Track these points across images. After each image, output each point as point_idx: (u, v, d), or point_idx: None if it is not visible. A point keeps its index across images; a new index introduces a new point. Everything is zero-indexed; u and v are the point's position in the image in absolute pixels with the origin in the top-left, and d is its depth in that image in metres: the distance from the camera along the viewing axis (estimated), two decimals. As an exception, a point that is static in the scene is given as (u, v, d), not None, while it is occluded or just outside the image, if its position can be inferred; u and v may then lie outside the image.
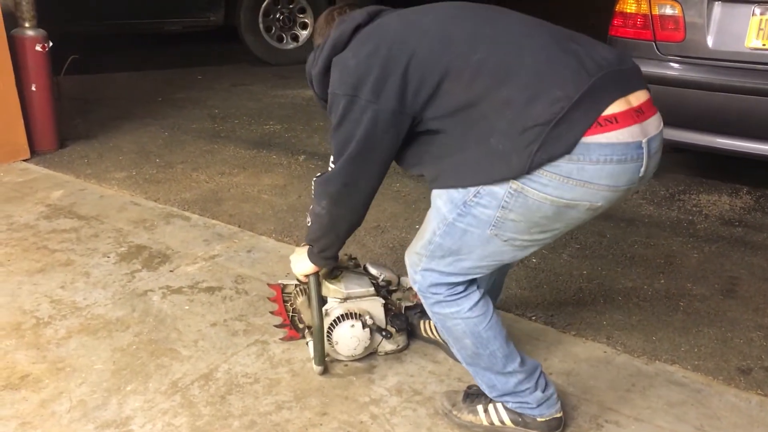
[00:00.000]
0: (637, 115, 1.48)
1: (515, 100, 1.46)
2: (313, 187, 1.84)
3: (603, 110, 1.44)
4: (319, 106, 1.84)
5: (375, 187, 1.76)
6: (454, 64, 1.52)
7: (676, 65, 3.21)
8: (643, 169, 1.51)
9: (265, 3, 6.38)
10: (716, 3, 3.06)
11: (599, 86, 1.45)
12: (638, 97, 1.52)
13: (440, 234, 1.66)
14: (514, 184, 1.49)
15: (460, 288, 1.73)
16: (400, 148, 1.68)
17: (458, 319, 1.74)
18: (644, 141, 1.49)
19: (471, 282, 1.75)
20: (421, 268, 1.74)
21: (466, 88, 1.51)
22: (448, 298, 1.73)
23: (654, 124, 1.54)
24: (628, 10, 3.29)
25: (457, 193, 1.59)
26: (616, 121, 1.44)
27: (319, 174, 1.83)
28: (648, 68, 3.18)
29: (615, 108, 1.45)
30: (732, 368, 2.19)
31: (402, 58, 1.55)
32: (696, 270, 2.81)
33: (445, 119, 1.57)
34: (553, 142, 1.43)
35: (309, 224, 1.92)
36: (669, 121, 3.18)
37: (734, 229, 3.19)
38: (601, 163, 1.45)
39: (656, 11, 3.20)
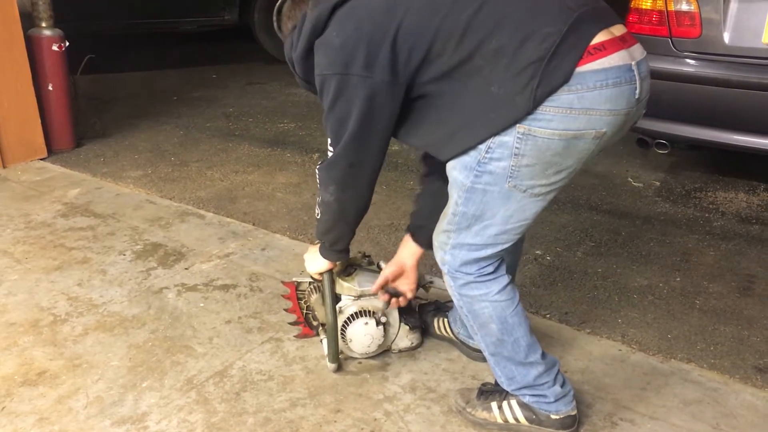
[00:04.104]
0: (621, 42, 1.55)
1: (507, 46, 1.49)
2: (317, 176, 1.83)
3: (591, 40, 1.50)
4: (301, 87, 1.83)
5: (379, 164, 1.76)
6: (442, 27, 1.52)
7: (692, 61, 3.18)
8: (638, 91, 1.56)
9: (279, 2, 6.39)
10: (733, -2, 3.04)
11: (583, 19, 1.51)
12: (618, 29, 1.58)
13: (462, 202, 1.67)
14: (520, 128, 1.52)
15: (490, 269, 1.74)
16: (399, 121, 1.68)
17: (486, 301, 1.75)
18: (633, 64, 1.55)
19: (500, 265, 1.77)
20: (451, 246, 1.74)
21: (456, 46, 1.52)
22: (478, 279, 1.74)
23: (638, 50, 1.60)
24: (644, 6, 3.27)
25: (469, 157, 1.61)
26: (604, 48, 1.51)
27: (320, 162, 1.82)
28: (664, 64, 3.15)
29: (601, 37, 1.51)
30: (749, 366, 2.17)
31: (389, 29, 1.54)
32: (712, 268, 2.79)
33: (440, 81, 1.58)
34: (551, 74, 1.48)
35: (318, 216, 1.91)
36: (685, 118, 3.22)
37: (751, 226, 3.17)
38: (598, 88, 1.50)
39: (672, 7, 3.17)
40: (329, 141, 1.74)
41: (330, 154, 1.75)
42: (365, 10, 1.59)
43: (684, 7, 3.14)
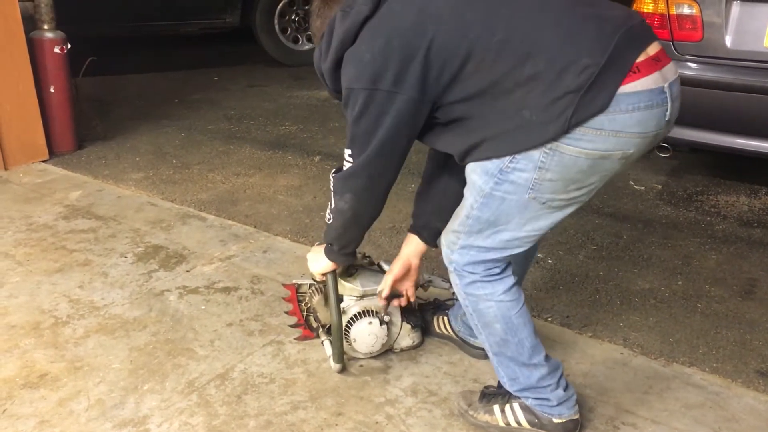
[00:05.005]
0: (655, 63, 1.53)
1: (543, 74, 1.48)
2: (332, 183, 1.83)
3: (629, 67, 1.48)
4: (332, 97, 1.82)
5: (396, 176, 1.77)
6: (474, 47, 1.52)
7: (693, 65, 3.18)
8: (668, 113, 1.56)
9: (280, 4, 6.40)
10: (735, 2, 3.03)
11: (621, 46, 1.49)
12: (653, 47, 1.56)
13: (478, 207, 1.67)
14: (548, 143, 1.52)
15: (497, 270, 1.74)
16: (423, 130, 1.68)
17: (492, 301, 1.75)
18: (666, 86, 1.54)
19: (507, 266, 1.76)
20: (459, 246, 1.74)
21: (488, 69, 1.52)
22: (484, 278, 1.74)
23: (671, 70, 1.59)
24: (646, 10, 3.27)
25: (491, 164, 1.60)
26: (638, 71, 1.49)
27: (335, 170, 1.82)
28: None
29: (637, 59, 1.50)
30: (751, 370, 2.17)
31: (420, 46, 1.54)
32: (714, 271, 2.79)
33: (466, 102, 1.58)
34: (587, 105, 1.47)
35: (329, 221, 1.91)
36: (687, 122, 3.22)
37: (753, 230, 3.16)
38: (630, 111, 1.49)
39: (674, 11, 3.17)
40: (347, 151, 1.72)
41: (346, 162, 1.74)
42: (395, 25, 1.58)
43: (686, 10, 3.14)
